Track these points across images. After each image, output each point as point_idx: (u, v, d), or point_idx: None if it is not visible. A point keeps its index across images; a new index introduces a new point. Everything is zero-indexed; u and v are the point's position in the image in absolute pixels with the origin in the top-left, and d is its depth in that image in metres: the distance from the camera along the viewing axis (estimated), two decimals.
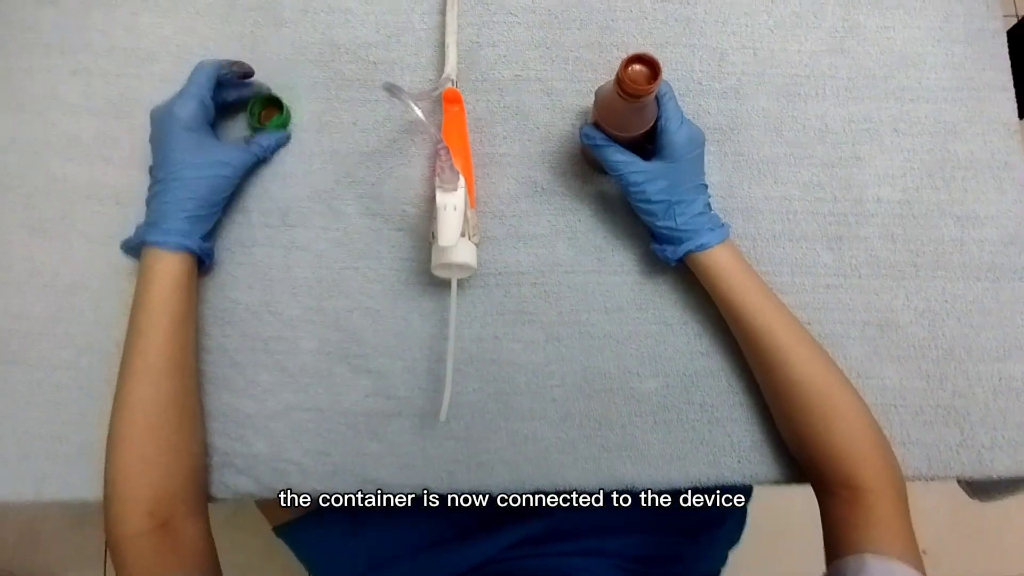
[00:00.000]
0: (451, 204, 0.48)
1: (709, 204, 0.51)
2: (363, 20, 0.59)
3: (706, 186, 0.51)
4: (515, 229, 0.56)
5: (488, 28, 0.58)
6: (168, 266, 0.48)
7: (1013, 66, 0.60)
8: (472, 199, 0.53)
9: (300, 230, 0.56)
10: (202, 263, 0.52)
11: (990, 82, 0.59)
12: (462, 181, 0.48)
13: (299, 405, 0.54)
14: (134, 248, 0.51)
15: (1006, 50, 0.60)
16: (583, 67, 0.58)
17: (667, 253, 0.51)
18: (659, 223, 0.50)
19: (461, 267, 0.51)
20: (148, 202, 0.51)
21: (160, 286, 0.48)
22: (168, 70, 0.58)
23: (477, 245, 0.53)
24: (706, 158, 0.57)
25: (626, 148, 0.49)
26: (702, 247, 0.50)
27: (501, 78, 0.58)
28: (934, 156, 0.58)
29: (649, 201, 0.49)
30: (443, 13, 0.58)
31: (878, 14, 0.60)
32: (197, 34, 0.59)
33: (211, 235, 0.53)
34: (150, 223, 0.50)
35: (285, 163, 0.57)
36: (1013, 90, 0.59)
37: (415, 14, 0.59)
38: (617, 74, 0.43)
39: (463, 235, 0.50)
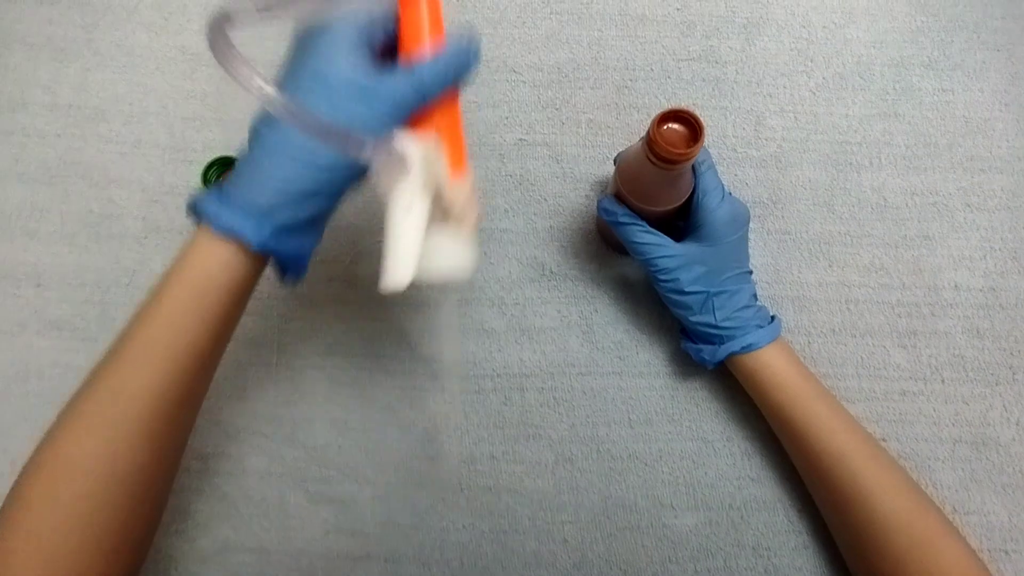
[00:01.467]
0: (403, 199, 0.29)
1: (755, 295, 0.42)
2: None
3: (751, 273, 0.42)
4: (518, 321, 0.46)
5: (488, 87, 0.51)
6: (207, 257, 0.30)
7: None
8: (460, 154, 0.32)
9: (254, 318, 0.46)
10: (282, 268, 0.33)
11: None
12: (415, 148, 0.29)
13: (239, 544, 0.42)
14: (191, 212, 0.31)
15: None
16: (598, 131, 0.50)
17: (704, 355, 0.41)
18: (694, 318, 0.40)
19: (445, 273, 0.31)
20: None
21: (186, 284, 0.30)
22: (117, 130, 0.50)
23: (469, 235, 0.32)
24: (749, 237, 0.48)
25: (654, 226, 0.40)
26: (748, 348, 0.40)
27: (503, 143, 0.50)
28: (1018, 235, 0.49)
29: (682, 292, 0.39)
30: None
31: (933, 76, 0.53)
32: (154, 91, 0.51)
33: (311, 229, 0.32)
34: (224, 185, 0.31)
35: None
36: None
37: None
38: (648, 134, 0.34)
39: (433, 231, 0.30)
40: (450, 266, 0.31)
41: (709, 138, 0.50)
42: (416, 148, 0.29)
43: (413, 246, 0.30)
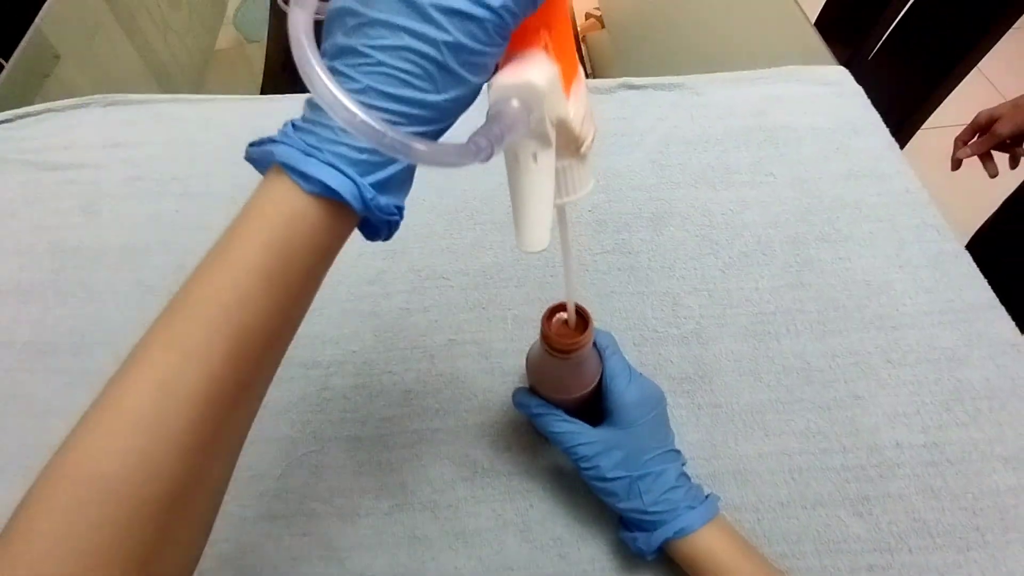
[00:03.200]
0: (527, 148, 0.25)
1: (685, 474, 0.41)
2: None
3: (678, 452, 0.41)
4: (451, 524, 0.44)
5: (418, 294, 0.55)
6: (291, 218, 0.24)
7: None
8: (572, 57, 0.26)
9: None
10: (372, 228, 0.26)
11: (974, 302, 0.54)
12: (550, 70, 0.24)
13: None
14: (260, 158, 0.25)
15: (976, 268, 0.56)
16: (523, 325, 0.53)
17: (639, 544, 0.39)
18: (622, 505, 0.39)
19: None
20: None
21: (264, 249, 0.24)
22: (66, 362, 0.52)
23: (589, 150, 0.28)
24: (678, 412, 0.49)
25: (572, 413, 0.41)
26: (682, 532, 0.38)
27: (432, 344, 0.52)
28: (944, 387, 0.50)
29: (605, 479, 0.39)
30: (372, 283, 0.55)
31: (828, 247, 0.58)
32: (107, 322, 0.55)
33: (409, 174, 0.26)
34: (305, 125, 0.24)
35: None
36: (1004, 308, 0.54)
37: (341, 287, 0.55)
38: (541, 329, 0.37)
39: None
40: (576, 192, 0.28)
41: (629, 321, 0.54)
42: (532, 87, 0.23)
43: (548, 198, 0.26)
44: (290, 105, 0.71)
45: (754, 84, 0.70)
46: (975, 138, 0.82)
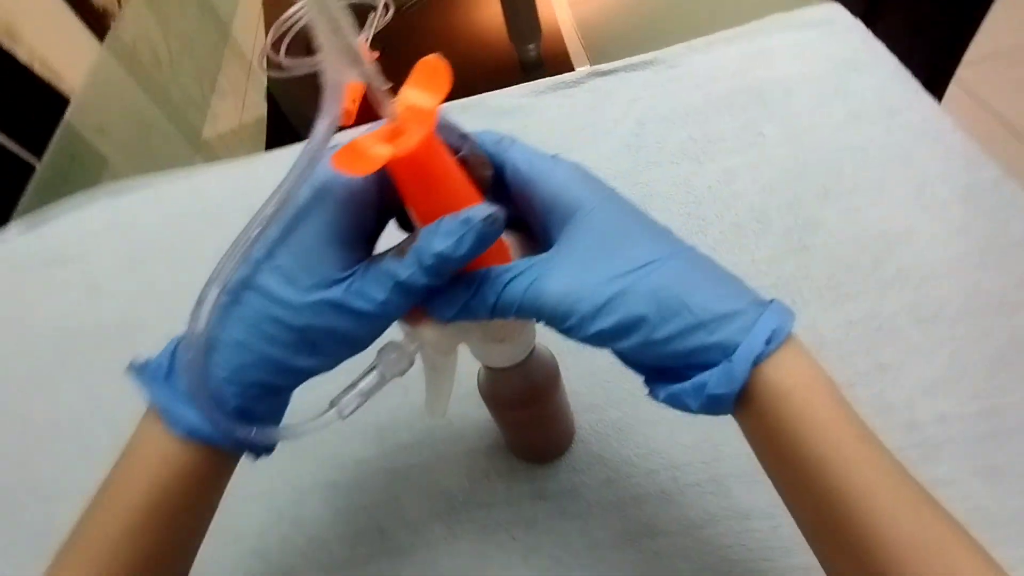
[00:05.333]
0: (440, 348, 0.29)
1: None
2: None
3: (689, 246, 0.27)
4: (430, 568, 0.41)
5: None
6: (163, 462, 0.25)
7: None
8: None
9: None
10: (255, 450, 0.27)
11: (1022, 235, 0.45)
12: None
13: None
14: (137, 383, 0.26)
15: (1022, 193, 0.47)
16: None
17: (716, 384, 0.24)
18: (664, 332, 0.24)
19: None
20: (195, 315, 0.24)
21: (151, 488, 0.25)
22: (70, 443, 0.54)
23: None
24: (669, 411, 0.43)
25: (536, 423, 0.37)
26: (775, 339, 0.24)
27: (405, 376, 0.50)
28: (995, 341, 0.42)
29: (613, 306, 0.24)
30: None
31: (832, 202, 0.51)
32: (105, 402, 0.56)
33: (277, 407, 0.28)
34: (178, 368, 0.25)
35: None
36: None
37: None
38: None
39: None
40: (502, 362, 0.34)
41: None
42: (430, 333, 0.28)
43: (450, 383, 0.32)
44: (268, 162, 0.72)
45: (732, 43, 0.64)
46: None
